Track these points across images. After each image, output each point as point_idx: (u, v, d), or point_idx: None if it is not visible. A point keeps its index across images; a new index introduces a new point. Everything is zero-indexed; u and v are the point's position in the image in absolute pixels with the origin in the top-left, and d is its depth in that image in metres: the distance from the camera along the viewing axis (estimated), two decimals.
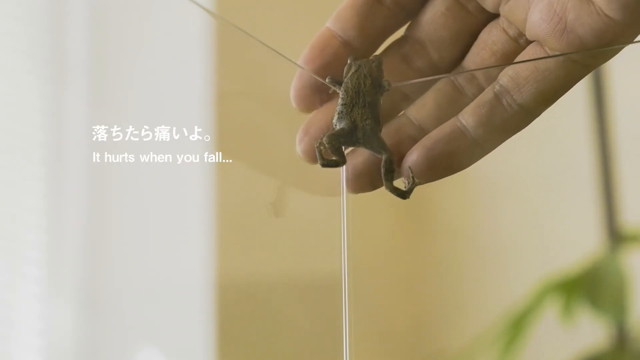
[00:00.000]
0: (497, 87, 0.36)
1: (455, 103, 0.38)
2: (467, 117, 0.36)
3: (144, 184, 1.17)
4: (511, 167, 1.28)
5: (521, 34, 0.37)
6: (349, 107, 0.37)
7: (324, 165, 0.36)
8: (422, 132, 0.37)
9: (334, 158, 0.36)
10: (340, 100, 0.37)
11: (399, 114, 0.38)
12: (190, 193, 1.13)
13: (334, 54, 0.37)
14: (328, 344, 1.13)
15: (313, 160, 0.37)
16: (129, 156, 1.27)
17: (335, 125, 0.37)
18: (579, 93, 1.12)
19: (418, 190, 0.37)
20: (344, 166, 0.36)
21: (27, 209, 1.12)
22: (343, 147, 0.36)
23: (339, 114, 0.37)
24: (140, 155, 1.25)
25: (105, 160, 1.22)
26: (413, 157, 0.36)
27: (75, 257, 1.15)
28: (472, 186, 1.32)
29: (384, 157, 0.36)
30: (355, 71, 0.37)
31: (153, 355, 1.13)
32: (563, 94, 0.36)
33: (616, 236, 1.02)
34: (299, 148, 0.37)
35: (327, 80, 0.38)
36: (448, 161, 0.36)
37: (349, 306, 0.37)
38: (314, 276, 1.18)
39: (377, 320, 1.31)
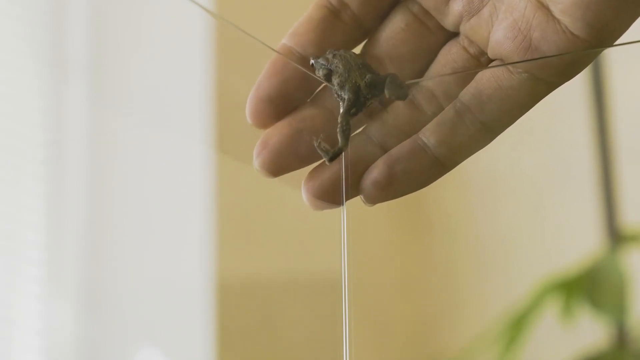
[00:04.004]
0: (458, 104, 0.36)
1: (415, 122, 0.37)
2: (429, 135, 0.36)
3: (144, 184, 1.18)
4: (511, 167, 1.28)
5: (483, 53, 0.36)
6: (345, 75, 0.36)
7: (331, 159, 0.35)
8: (382, 150, 0.37)
9: (336, 148, 0.35)
10: (336, 78, 0.36)
11: (358, 131, 0.38)
12: (190, 193, 1.13)
13: (293, 68, 0.37)
14: (328, 344, 1.13)
15: (273, 174, 0.36)
16: (129, 156, 1.28)
17: (342, 97, 0.36)
18: (579, 93, 1.12)
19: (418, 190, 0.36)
20: (346, 166, 0.36)
21: (27, 209, 1.12)
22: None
23: (339, 84, 0.36)
24: (140, 155, 1.26)
25: (105, 160, 1.23)
26: (373, 174, 0.36)
27: (75, 257, 1.15)
28: (472, 186, 1.32)
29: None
30: (335, 55, 0.37)
31: (153, 355, 1.13)
32: (525, 112, 0.36)
33: (616, 236, 1.02)
34: (256, 162, 0.36)
35: (311, 62, 0.37)
36: (408, 179, 0.36)
37: (349, 306, 0.37)
38: (314, 276, 1.18)
39: (377, 320, 1.31)
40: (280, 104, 0.36)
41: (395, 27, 0.38)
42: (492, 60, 0.36)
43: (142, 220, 1.18)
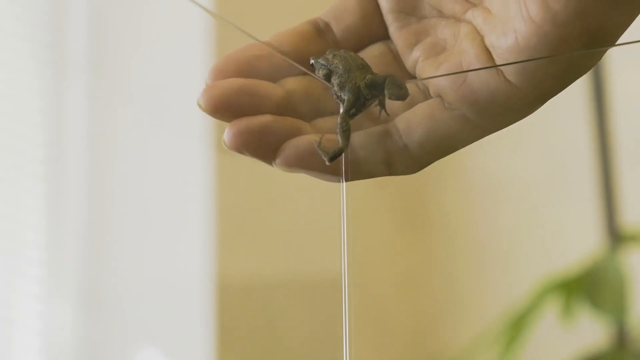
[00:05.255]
0: (391, 124, 0.37)
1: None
2: (354, 138, 0.36)
3: (144, 184, 1.18)
4: (511, 167, 1.28)
5: (430, 92, 0.38)
6: (345, 75, 0.36)
7: (331, 160, 0.35)
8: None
9: (336, 148, 0.35)
10: (335, 79, 0.36)
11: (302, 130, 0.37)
12: (190, 193, 1.13)
13: (269, 53, 0.37)
14: (328, 344, 1.13)
15: (215, 110, 0.35)
16: (129, 156, 1.27)
17: (342, 98, 0.36)
18: (579, 94, 1.12)
19: (418, 189, 0.37)
20: (344, 164, 0.36)
21: (27, 209, 1.12)
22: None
23: (338, 85, 0.36)
24: (140, 155, 1.26)
25: (105, 160, 1.23)
26: (286, 151, 0.36)
27: (75, 257, 1.15)
28: (472, 186, 1.32)
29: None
30: (335, 55, 0.37)
31: (153, 355, 1.13)
32: (450, 149, 0.36)
33: (616, 236, 1.02)
34: (202, 98, 0.35)
35: (311, 62, 0.37)
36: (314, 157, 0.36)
37: (349, 306, 0.37)
38: (314, 276, 1.18)
39: (377, 320, 1.31)
40: (246, 72, 0.36)
41: (369, 53, 0.39)
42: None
43: (142, 220, 1.18)
